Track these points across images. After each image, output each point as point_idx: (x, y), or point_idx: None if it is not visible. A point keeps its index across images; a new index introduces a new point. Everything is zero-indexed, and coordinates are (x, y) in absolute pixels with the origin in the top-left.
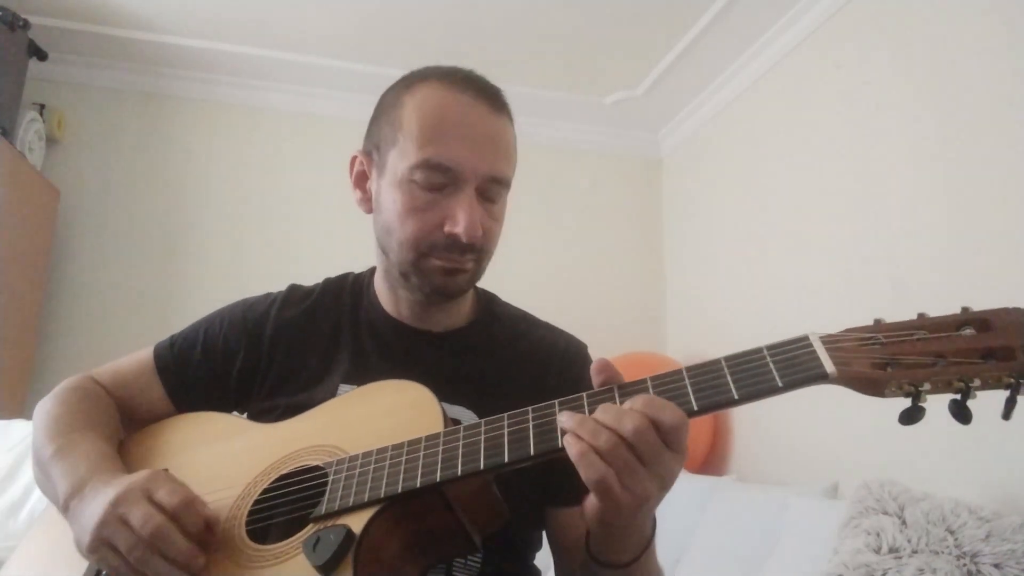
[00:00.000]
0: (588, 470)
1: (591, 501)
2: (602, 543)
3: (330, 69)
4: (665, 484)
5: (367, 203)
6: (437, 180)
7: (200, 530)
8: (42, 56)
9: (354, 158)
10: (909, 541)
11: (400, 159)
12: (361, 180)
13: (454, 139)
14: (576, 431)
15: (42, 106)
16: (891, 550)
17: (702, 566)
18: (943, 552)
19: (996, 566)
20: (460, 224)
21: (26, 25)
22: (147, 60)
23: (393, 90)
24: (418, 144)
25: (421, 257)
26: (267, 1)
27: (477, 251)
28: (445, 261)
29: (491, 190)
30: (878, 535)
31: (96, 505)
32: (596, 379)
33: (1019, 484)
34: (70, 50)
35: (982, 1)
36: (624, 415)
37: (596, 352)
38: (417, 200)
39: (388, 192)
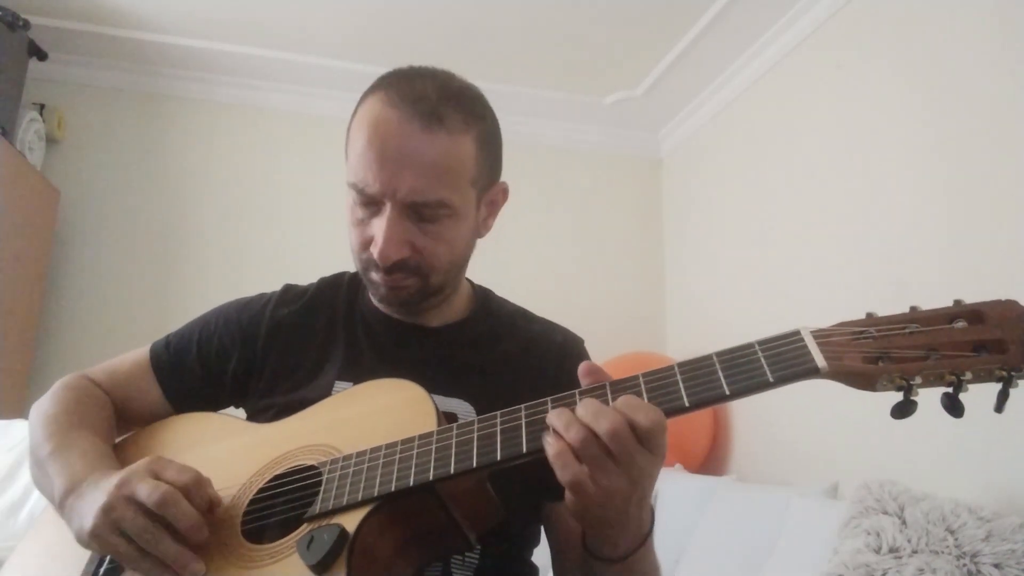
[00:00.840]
0: (563, 471)
1: (567, 495)
2: (597, 537)
3: (330, 69)
4: (636, 482)
5: None
6: (364, 199)
7: (206, 509)
8: (42, 56)
9: None
10: (909, 541)
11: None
12: None
13: (371, 162)
14: (563, 433)
15: (42, 106)
16: (891, 550)
17: (702, 566)
18: (943, 552)
19: (996, 566)
20: (376, 246)
21: (26, 25)
22: (147, 60)
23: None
24: (349, 164)
25: (364, 270)
26: (267, 1)
27: (411, 270)
28: (379, 278)
29: (421, 211)
30: (878, 535)
31: (98, 494)
32: (584, 382)
33: (1019, 484)
34: (70, 50)
35: (982, 2)
36: (601, 415)
37: (595, 352)
38: (355, 215)
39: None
